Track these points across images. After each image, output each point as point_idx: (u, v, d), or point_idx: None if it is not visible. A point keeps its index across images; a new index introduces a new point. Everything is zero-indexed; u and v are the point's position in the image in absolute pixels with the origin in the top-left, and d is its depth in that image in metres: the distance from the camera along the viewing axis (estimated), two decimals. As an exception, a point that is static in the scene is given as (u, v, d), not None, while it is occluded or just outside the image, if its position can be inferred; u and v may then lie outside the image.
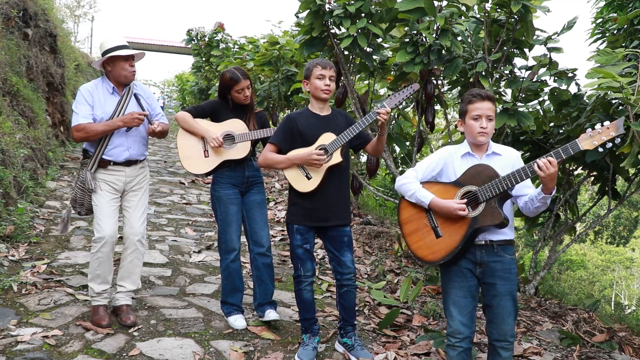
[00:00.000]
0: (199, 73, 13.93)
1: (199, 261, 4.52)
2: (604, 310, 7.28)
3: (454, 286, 2.43)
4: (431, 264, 2.96)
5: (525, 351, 3.22)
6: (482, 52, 4.18)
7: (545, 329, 3.66)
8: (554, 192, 2.33)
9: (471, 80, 4.34)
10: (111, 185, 3.16)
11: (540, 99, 4.29)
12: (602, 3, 5.40)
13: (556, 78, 4.00)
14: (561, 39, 4.21)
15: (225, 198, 3.28)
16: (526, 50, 4.19)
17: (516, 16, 3.92)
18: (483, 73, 4.06)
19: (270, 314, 3.26)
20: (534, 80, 4.16)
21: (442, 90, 5.02)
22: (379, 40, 4.81)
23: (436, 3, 4.07)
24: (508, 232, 2.40)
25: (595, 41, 4.95)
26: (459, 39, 4.24)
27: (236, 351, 2.94)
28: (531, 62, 4.17)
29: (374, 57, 4.87)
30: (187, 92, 18.02)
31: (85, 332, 3.00)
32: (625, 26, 4.21)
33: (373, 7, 4.44)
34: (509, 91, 4.29)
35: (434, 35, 4.20)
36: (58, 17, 11.58)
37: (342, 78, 5.00)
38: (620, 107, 3.43)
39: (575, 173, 4.59)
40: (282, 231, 5.59)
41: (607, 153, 3.66)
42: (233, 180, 3.30)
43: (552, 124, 4.30)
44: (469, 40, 4.30)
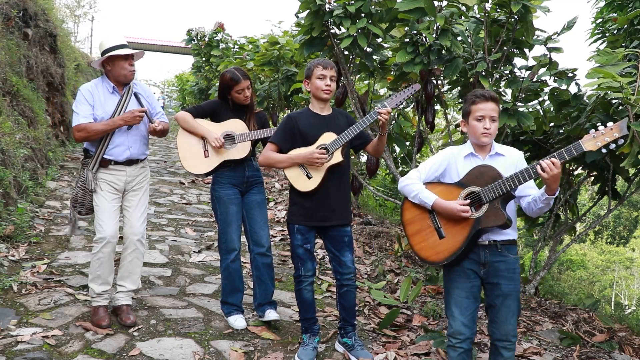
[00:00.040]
0: (199, 73, 13.93)
1: (199, 261, 4.52)
2: (604, 310, 7.27)
3: (457, 287, 2.43)
4: (434, 265, 2.96)
5: (525, 351, 3.22)
6: (482, 52, 4.18)
7: (545, 329, 3.66)
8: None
9: (471, 80, 4.34)
10: (112, 185, 3.16)
11: (540, 99, 4.29)
12: (602, 3, 5.40)
13: (556, 78, 4.00)
14: (561, 39, 4.22)
15: (225, 198, 3.28)
16: (526, 50, 4.19)
17: (516, 16, 3.92)
18: (483, 73, 4.06)
19: (270, 314, 3.26)
20: (534, 80, 4.16)
21: (442, 90, 5.02)
22: (379, 40, 4.81)
23: (436, 3, 4.07)
24: (511, 232, 2.40)
25: (595, 41, 4.95)
26: (459, 39, 4.24)
27: (236, 351, 2.94)
28: (531, 62, 4.17)
29: (374, 57, 4.87)
30: (187, 92, 18.00)
31: (85, 332, 3.00)
32: (625, 26, 4.21)
33: (373, 7, 4.44)
34: (509, 91, 4.29)
35: (434, 35, 4.20)
36: (58, 17, 11.57)
37: (342, 78, 5.00)
38: (620, 107, 3.43)
39: (575, 173, 4.59)
40: (282, 231, 5.59)
41: (607, 153, 3.66)
42: (233, 180, 3.30)
43: (552, 124, 4.29)
44: (469, 40, 4.30)
